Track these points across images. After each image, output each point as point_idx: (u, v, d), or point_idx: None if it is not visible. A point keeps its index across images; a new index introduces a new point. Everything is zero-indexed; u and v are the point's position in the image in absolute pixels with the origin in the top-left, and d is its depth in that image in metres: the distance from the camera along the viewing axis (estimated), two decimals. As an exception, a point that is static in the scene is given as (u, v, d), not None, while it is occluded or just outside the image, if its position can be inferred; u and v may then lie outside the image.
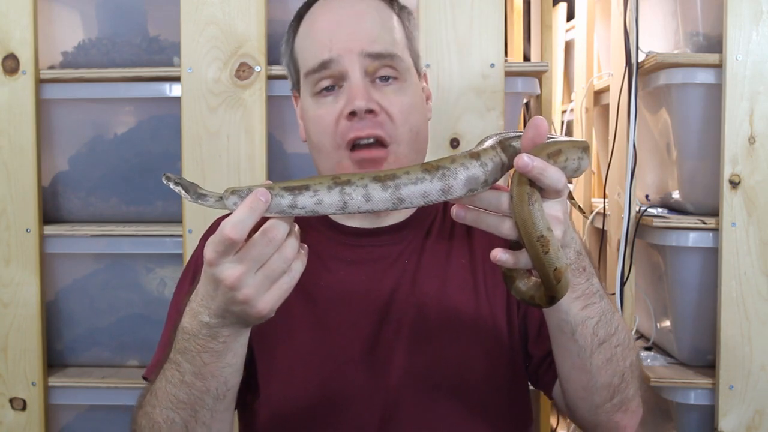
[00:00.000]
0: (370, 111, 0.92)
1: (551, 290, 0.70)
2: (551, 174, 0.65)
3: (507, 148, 0.70)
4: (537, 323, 0.96)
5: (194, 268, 1.02)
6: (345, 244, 1.00)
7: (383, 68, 0.94)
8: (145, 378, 1.01)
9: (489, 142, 0.72)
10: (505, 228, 0.68)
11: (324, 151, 0.96)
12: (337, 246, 1.00)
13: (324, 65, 0.94)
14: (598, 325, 0.82)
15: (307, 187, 0.70)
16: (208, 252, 0.71)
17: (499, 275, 0.84)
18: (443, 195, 0.68)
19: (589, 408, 0.89)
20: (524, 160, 0.64)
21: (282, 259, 0.72)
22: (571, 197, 0.87)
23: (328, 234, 1.00)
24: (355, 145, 0.94)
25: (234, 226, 0.68)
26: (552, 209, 0.68)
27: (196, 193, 0.75)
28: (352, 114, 0.92)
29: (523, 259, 0.68)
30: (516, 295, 0.77)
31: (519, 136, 0.71)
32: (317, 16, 0.98)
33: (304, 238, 0.76)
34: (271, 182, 0.73)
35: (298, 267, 0.74)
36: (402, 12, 1.01)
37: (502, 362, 0.97)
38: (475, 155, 0.69)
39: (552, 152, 0.68)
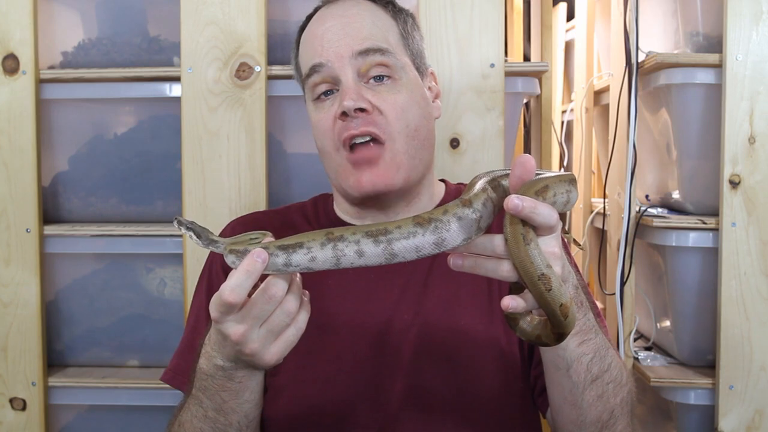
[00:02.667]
0: (362, 110, 0.93)
1: (559, 327, 0.69)
2: (542, 211, 0.65)
3: (497, 187, 0.70)
4: None
5: (208, 277, 1.05)
6: None
7: (376, 67, 0.96)
8: (163, 381, 1.05)
9: (479, 184, 0.71)
10: (504, 270, 0.67)
11: (326, 154, 0.98)
12: None
13: (315, 68, 0.97)
14: (592, 361, 0.82)
15: (300, 245, 0.70)
16: (212, 310, 0.74)
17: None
18: (437, 248, 0.68)
19: None
20: (514, 201, 0.63)
21: (284, 313, 0.74)
22: (564, 231, 0.86)
23: None
24: (353, 145, 0.95)
25: (232, 291, 0.70)
26: (548, 245, 0.67)
27: (208, 239, 0.77)
28: (344, 114, 0.94)
29: (530, 300, 0.67)
30: (522, 337, 0.75)
31: (508, 174, 0.70)
32: (312, 25, 1.01)
33: None
34: (271, 238, 0.74)
35: (303, 317, 0.76)
36: (398, 14, 1.02)
37: (515, 377, 0.96)
38: (467, 203, 0.68)
39: (539, 189, 0.67)
